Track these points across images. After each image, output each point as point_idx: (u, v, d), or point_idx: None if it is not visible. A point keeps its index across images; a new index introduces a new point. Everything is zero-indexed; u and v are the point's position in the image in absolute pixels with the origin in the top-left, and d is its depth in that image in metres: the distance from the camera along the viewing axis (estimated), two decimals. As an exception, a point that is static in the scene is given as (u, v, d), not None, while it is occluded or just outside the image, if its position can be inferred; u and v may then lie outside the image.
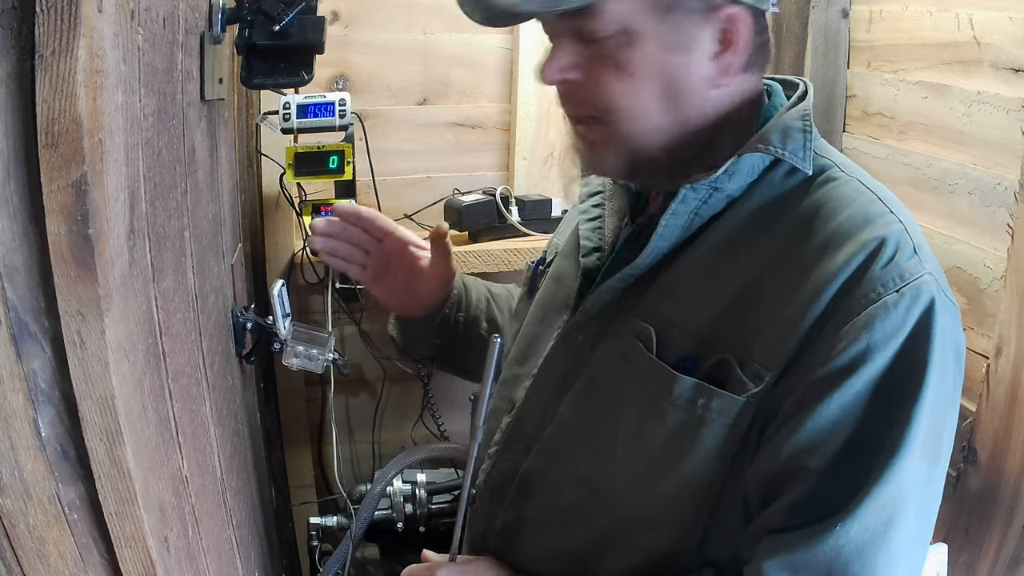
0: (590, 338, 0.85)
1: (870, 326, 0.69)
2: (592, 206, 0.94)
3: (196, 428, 0.78)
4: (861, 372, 0.68)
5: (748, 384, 0.73)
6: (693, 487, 0.76)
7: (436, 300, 1.11)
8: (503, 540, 0.90)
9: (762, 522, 0.73)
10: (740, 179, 0.78)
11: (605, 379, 0.82)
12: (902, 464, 0.68)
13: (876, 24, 1.43)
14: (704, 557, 0.78)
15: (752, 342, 0.73)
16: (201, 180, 0.87)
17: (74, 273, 0.50)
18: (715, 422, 0.74)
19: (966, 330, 1.23)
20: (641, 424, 0.78)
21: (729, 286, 0.76)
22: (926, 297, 0.70)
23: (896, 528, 0.69)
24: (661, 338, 0.78)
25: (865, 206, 0.75)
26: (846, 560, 0.68)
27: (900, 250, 0.72)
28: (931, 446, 0.71)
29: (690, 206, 0.78)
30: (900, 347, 0.69)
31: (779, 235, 0.76)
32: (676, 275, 0.80)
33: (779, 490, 0.72)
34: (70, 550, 0.56)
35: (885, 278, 0.70)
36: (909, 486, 0.69)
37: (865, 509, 0.68)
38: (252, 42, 0.93)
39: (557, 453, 0.85)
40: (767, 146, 0.76)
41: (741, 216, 0.78)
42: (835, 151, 0.83)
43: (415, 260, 1.09)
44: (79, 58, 0.47)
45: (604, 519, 0.81)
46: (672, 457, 0.76)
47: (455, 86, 1.70)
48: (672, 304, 0.79)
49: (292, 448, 1.72)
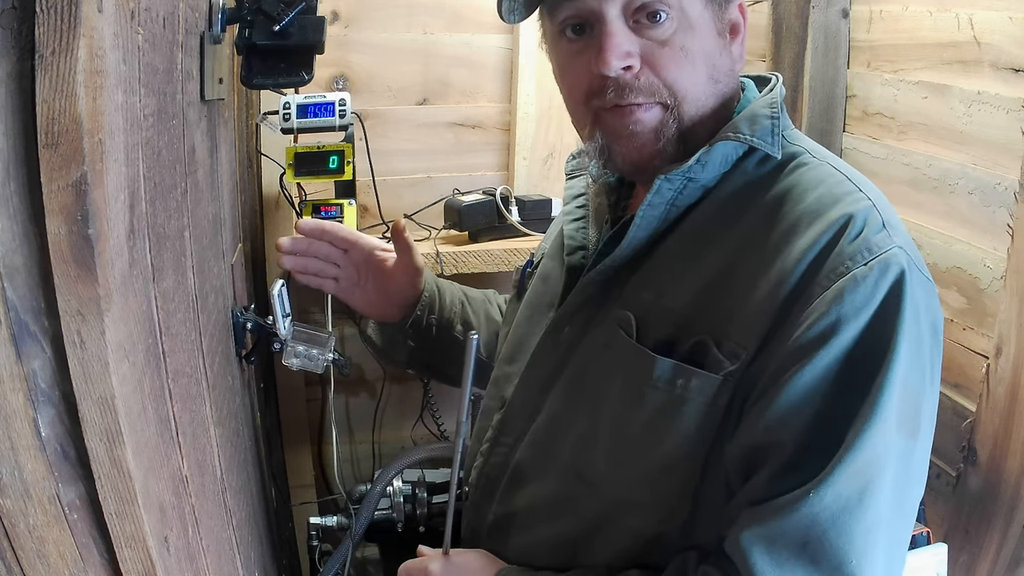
0: (575, 332, 0.86)
1: (839, 299, 0.69)
2: (576, 207, 0.95)
3: (196, 428, 0.78)
4: (832, 344, 0.69)
5: (725, 363, 0.74)
6: (675, 467, 0.77)
7: (408, 299, 1.12)
8: (496, 533, 0.91)
9: (742, 498, 0.74)
10: (713, 169, 0.79)
11: (590, 370, 0.84)
12: (875, 432, 0.68)
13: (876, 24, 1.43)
14: (691, 540, 0.78)
15: (727, 323, 0.74)
16: (201, 180, 0.87)
17: (74, 273, 0.50)
18: (694, 401, 0.75)
19: (966, 330, 1.23)
20: (624, 408, 0.79)
21: (705, 271, 0.77)
22: (895, 269, 0.70)
23: (872, 496, 0.69)
24: (641, 324, 0.79)
25: (834, 187, 0.76)
26: (822, 527, 0.68)
27: (868, 225, 0.73)
28: (908, 419, 0.71)
29: (665, 197, 0.79)
30: (870, 318, 0.70)
31: (751, 220, 0.77)
32: (654, 264, 0.81)
33: (757, 465, 0.73)
34: (70, 550, 0.56)
35: (853, 252, 0.71)
36: (884, 455, 0.69)
37: (839, 476, 0.68)
38: (252, 42, 0.93)
39: (545, 444, 0.87)
40: (736, 133, 0.78)
41: (716, 205, 0.80)
42: (808, 139, 0.85)
43: (382, 263, 1.10)
44: (79, 58, 0.47)
45: (591, 505, 0.83)
46: (653, 438, 0.77)
47: (455, 86, 1.70)
48: (651, 291, 0.80)
49: (292, 448, 1.72)
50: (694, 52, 0.77)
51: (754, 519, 0.71)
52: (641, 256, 0.82)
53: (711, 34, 0.78)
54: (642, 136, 0.79)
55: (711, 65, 0.79)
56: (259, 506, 1.23)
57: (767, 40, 1.58)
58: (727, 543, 0.73)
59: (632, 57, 0.76)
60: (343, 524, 1.49)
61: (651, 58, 0.76)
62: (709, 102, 0.79)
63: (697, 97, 0.79)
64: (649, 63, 0.76)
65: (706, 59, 0.78)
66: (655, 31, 0.76)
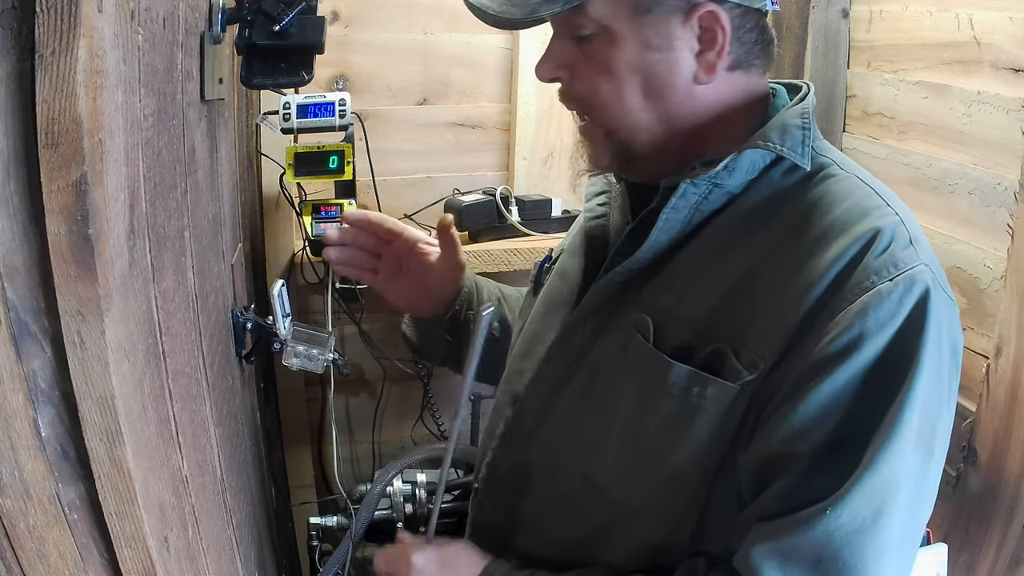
0: (591, 332, 0.85)
1: (864, 313, 0.69)
2: (597, 205, 0.95)
3: (196, 428, 0.78)
4: (853, 359, 0.69)
5: (743, 372, 0.73)
6: (686, 476, 0.76)
7: (448, 295, 1.11)
8: (503, 532, 0.91)
9: (754, 510, 0.73)
10: (740, 176, 0.78)
11: (604, 371, 0.83)
12: (894, 451, 0.68)
13: (876, 24, 1.43)
14: (699, 548, 0.78)
15: (747, 332, 0.74)
16: (201, 180, 0.87)
17: (74, 273, 0.50)
18: (708, 410, 0.74)
19: (966, 330, 1.23)
20: (637, 413, 0.79)
21: (726, 278, 0.77)
22: (920, 287, 0.70)
23: (887, 516, 0.69)
24: (658, 328, 0.79)
25: (862, 200, 0.76)
26: (836, 546, 0.68)
27: (895, 240, 0.72)
28: (925, 438, 0.70)
29: (690, 201, 0.79)
30: (893, 335, 0.69)
31: (777, 229, 0.77)
32: (675, 269, 0.81)
33: (771, 477, 0.72)
34: (70, 550, 0.56)
35: (879, 267, 0.71)
36: (901, 475, 0.69)
37: (856, 495, 0.68)
38: (252, 42, 0.93)
39: (556, 445, 0.86)
40: (766, 142, 0.77)
41: (740, 212, 0.79)
42: (836, 151, 0.84)
43: (425, 257, 1.10)
44: (79, 58, 0.47)
45: (599, 509, 0.82)
46: (665, 446, 0.76)
47: (455, 86, 1.70)
48: (670, 296, 0.79)
49: (292, 448, 1.72)
50: (617, 66, 0.77)
51: (767, 534, 0.70)
52: (661, 259, 0.81)
53: (645, 49, 0.76)
54: (586, 145, 0.84)
55: (645, 79, 0.77)
56: (259, 506, 1.23)
57: (767, 40, 1.58)
58: (736, 557, 0.72)
59: (559, 70, 0.81)
60: (343, 524, 1.49)
61: (576, 71, 0.80)
62: (647, 116, 0.78)
63: (622, 112, 0.78)
64: (576, 76, 0.80)
65: (635, 73, 0.77)
66: (583, 46, 0.79)
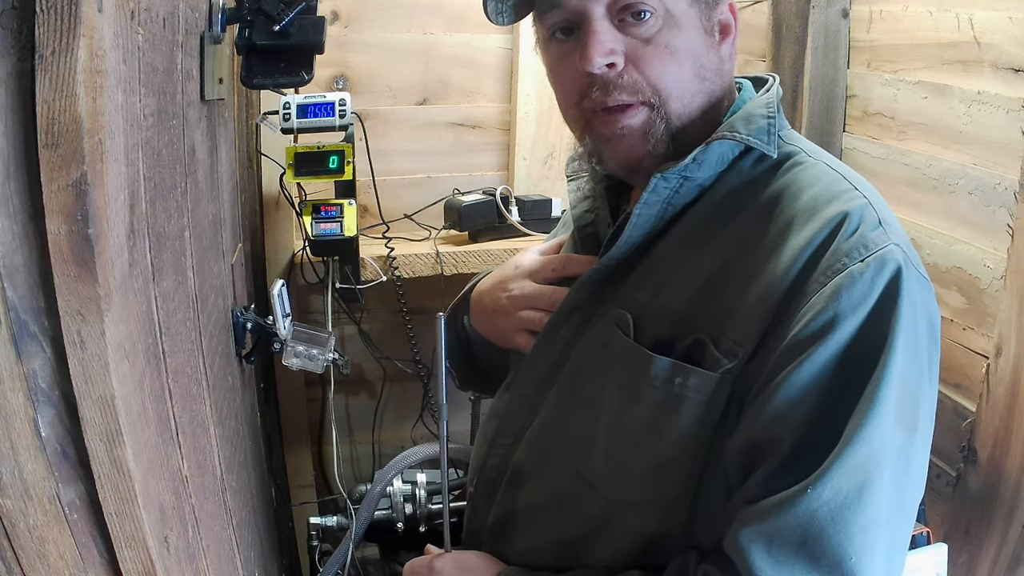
0: (573, 331, 0.86)
1: (836, 296, 0.69)
2: (584, 211, 0.95)
3: (196, 428, 0.78)
4: (829, 340, 0.69)
5: (723, 360, 0.74)
6: (674, 466, 0.77)
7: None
8: (497, 534, 0.91)
9: (741, 495, 0.73)
10: (709, 168, 0.79)
11: (587, 368, 0.84)
12: (873, 427, 0.68)
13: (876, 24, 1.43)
14: (692, 540, 0.78)
15: (725, 321, 0.74)
16: (201, 180, 0.87)
17: (74, 273, 0.50)
18: (691, 400, 0.75)
19: (966, 330, 1.23)
20: (621, 408, 0.79)
21: (702, 270, 0.77)
22: (892, 266, 0.70)
23: (871, 492, 0.69)
24: (638, 323, 0.79)
25: (830, 185, 0.77)
26: (820, 524, 0.68)
27: (864, 222, 0.73)
28: (907, 414, 0.71)
29: (662, 195, 0.80)
30: (867, 315, 0.70)
31: (747, 218, 0.78)
32: (652, 263, 0.82)
33: (755, 462, 0.73)
34: (70, 550, 0.56)
35: (850, 249, 0.71)
36: (882, 451, 0.69)
37: (836, 472, 0.68)
38: (252, 42, 0.93)
39: (543, 444, 0.87)
40: (732, 132, 0.78)
41: (712, 204, 0.80)
42: (804, 139, 0.85)
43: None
44: (79, 58, 0.47)
45: (592, 504, 0.83)
46: (652, 437, 0.77)
47: (455, 86, 1.70)
48: (648, 290, 0.80)
49: (292, 448, 1.72)
50: (679, 50, 0.77)
51: (752, 517, 0.70)
52: (638, 255, 0.82)
53: (697, 32, 0.78)
54: (630, 138, 0.79)
55: (698, 63, 0.78)
56: (259, 506, 1.23)
57: (767, 40, 1.58)
58: (725, 542, 0.72)
59: (616, 54, 0.76)
60: (343, 524, 1.49)
61: (635, 56, 0.77)
62: (696, 100, 0.79)
63: (683, 95, 0.78)
64: (633, 61, 0.77)
65: (692, 57, 0.78)
66: (639, 29, 0.76)
